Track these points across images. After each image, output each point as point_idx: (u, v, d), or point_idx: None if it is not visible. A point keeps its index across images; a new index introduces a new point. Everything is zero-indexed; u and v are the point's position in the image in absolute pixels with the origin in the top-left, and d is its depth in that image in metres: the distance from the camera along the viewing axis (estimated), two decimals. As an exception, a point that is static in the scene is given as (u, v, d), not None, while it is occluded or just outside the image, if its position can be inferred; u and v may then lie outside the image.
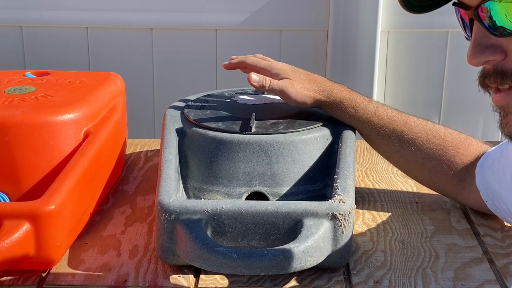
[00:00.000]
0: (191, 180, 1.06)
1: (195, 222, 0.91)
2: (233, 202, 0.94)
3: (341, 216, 0.93)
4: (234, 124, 1.08)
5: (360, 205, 1.15)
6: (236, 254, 0.88)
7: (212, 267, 0.89)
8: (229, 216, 0.92)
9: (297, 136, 1.06)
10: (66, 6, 1.78)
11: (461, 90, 1.83)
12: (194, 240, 0.89)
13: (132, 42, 1.81)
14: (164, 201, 0.93)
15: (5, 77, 1.25)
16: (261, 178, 1.04)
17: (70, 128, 1.08)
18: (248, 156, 1.04)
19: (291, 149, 1.05)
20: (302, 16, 1.76)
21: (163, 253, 0.96)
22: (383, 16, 1.72)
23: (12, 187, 1.04)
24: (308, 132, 1.07)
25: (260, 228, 0.93)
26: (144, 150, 1.39)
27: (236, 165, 1.04)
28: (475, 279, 0.95)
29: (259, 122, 1.09)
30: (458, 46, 1.78)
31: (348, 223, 0.94)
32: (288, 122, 1.09)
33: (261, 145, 1.04)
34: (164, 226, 0.93)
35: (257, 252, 0.88)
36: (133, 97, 1.68)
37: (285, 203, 0.94)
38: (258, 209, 0.93)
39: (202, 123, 1.09)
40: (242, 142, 1.04)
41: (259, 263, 0.87)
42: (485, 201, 1.06)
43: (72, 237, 1.02)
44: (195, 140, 1.08)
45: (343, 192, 0.96)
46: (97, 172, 1.10)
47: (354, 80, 1.76)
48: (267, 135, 1.05)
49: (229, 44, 1.80)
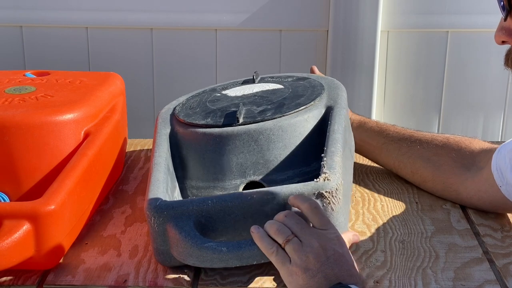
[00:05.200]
0: (188, 180, 1.06)
1: (183, 222, 0.91)
2: (219, 196, 0.94)
3: (327, 194, 0.92)
4: (223, 117, 1.07)
5: (360, 205, 1.15)
6: (226, 247, 0.88)
7: (205, 263, 0.89)
8: (216, 210, 0.92)
9: (286, 121, 1.05)
10: (66, 6, 1.77)
11: (461, 90, 1.83)
12: (184, 239, 0.90)
13: (132, 42, 1.81)
14: (152, 206, 0.93)
15: (5, 77, 1.25)
16: (255, 167, 1.03)
17: (70, 128, 1.08)
18: (238, 147, 1.03)
19: (281, 134, 1.04)
20: (302, 16, 1.76)
21: (159, 256, 0.96)
22: (383, 16, 1.72)
23: (12, 187, 1.04)
24: (297, 115, 1.06)
25: (249, 217, 0.92)
26: (144, 150, 1.39)
27: (228, 158, 1.03)
28: (475, 279, 0.95)
29: (248, 112, 1.07)
30: (458, 46, 1.78)
31: (337, 200, 0.93)
32: (276, 108, 1.08)
33: (250, 134, 1.03)
34: (155, 229, 0.93)
35: (246, 242, 0.88)
36: (133, 97, 1.68)
37: (270, 189, 0.93)
38: (244, 200, 0.92)
39: (191, 121, 1.09)
40: (231, 134, 1.03)
41: (249, 252, 0.88)
42: (500, 186, 1.07)
43: (72, 237, 1.02)
44: (186, 139, 1.08)
45: (329, 169, 0.95)
46: (97, 172, 1.10)
47: (354, 80, 1.76)
48: (255, 123, 1.04)
49: (229, 44, 1.80)
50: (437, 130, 1.86)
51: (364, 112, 1.78)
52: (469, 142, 1.16)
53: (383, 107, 1.84)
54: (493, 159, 1.08)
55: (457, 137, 1.18)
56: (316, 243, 0.83)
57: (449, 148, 1.16)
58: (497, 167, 1.07)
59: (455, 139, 1.18)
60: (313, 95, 1.12)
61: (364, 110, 1.78)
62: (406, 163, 1.21)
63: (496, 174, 1.07)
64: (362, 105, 1.78)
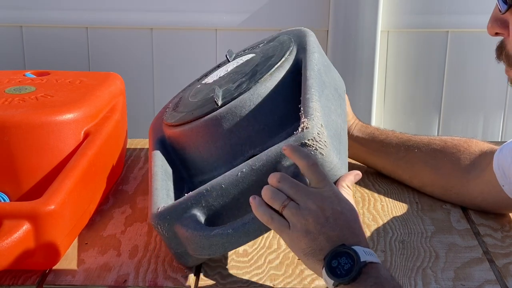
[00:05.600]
0: (195, 177, 1.06)
1: (187, 219, 0.91)
2: (211, 182, 0.93)
3: (311, 141, 0.91)
4: (205, 106, 1.06)
5: (360, 205, 1.15)
6: (231, 228, 0.88)
7: (218, 251, 0.90)
8: (214, 197, 0.92)
9: (261, 85, 1.03)
10: (66, 6, 1.77)
11: (461, 90, 1.83)
12: (192, 234, 0.90)
13: (132, 42, 1.81)
14: (154, 215, 0.93)
15: (5, 77, 1.24)
16: (250, 141, 1.01)
17: (70, 128, 1.08)
18: (227, 128, 1.01)
19: (262, 101, 1.02)
20: (302, 16, 1.76)
21: (180, 259, 0.96)
22: (383, 16, 1.72)
23: (12, 187, 1.04)
24: (271, 77, 1.04)
25: (246, 192, 0.91)
26: (144, 150, 1.39)
27: (221, 142, 1.02)
28: (475, 279, 0.95)
29: (225, 92, 1.05)
30: (458, 46, 1.78)
31: (323, 143, 0.91)
32: (250, 77, 1.06)
33: (232, 112, 1.01)
34: (166, 236, 0.93)
35: (248, 216, 0.88)
36: (133, 97, 1.68)
37: (256, 157, 0.92)
38: (235, 177, 0.92)
39: (177, 122, 1.08)
40: (215, 118, 1.02)
41: (254, 225, 0.88)
42: (502, 185, 1.07)
43: (72, 237, 1.02)
44: (179, 140, 1.07)
45: (307, 117, 0.93)
46: (97, 172, 1.10)
47: (354, 80, 1.76)
48: (234, 100, 1.02)
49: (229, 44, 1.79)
50: (437, 130, 1.86)
51: (364, 112, 1.78)
52: (467, 145, 1.15)
53: (383, 107, 1.84)
54: (494, 158, 1.08)
55: (454, 139, 1.17)
56: (313, 205, 0.82)
57: (447, 151, 1.15)
58: (499, 166, 1.07)
59: (452, 141, 1.17)
60: (282, 51, 1.10)
61: (364, 110, 1.78)
62: (404, 167, 1.20)
63: (498, 174, 1.07)
64: (362, 105, 1.78)
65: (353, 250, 0.80)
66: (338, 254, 0.80)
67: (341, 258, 0.80)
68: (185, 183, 1.06)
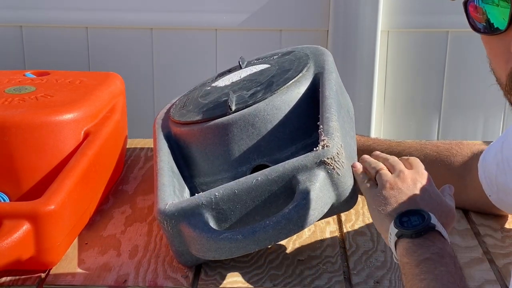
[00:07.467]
0: (196, 178, 1.06)
1: (195, 219, 0.91)
2: (225, 186, 0.93)
3: (330, 160, 0.92)
4: (216, 109, 1.06)
5: (360, 205, 1.15)
6: (241, 234, 0.88)
7: (224, 255, 0.89)
8: (225, 200, 0.92)
9: (277, 98, 1.04)
10: (66, 6, 1.77)
11: (461, 90, 1.83)
12: (199, 235, 0.90)
13: (132, 42, 1.81)
14: (161, 210, 0.93)
15: (5, 77, 1.25)
16: (258, 150, 1.02)
17: (70, 128, 1.08)
18: (237, 134, 1.02)
19: (276, 112, 1.03)
20: (302, 16, 1.76)
21: (180, 257, 0.96)
22: (383, 16, 1.72)
23: (12, 187, 1.04)
24: (287, 90, 1.05)
25: (258, 200, 0.92)
26: (144, 150, 1.39)
27: (229, 147, 1.02)
28: (475, 279, 0.95)
29: (239, 98, 1.06)
30: (458, 46, 1.78)
31: (341, 164, 0.93)
32: (265, 88, 1.07)
33: (245, 119, 1.02)
34: (170, 233, 0.93)
35: (259, 225, 0.88)
36: (133, 97, 1.68)
37: (273, 168, 0.93)
38: (249, 184, 0.92)
39: (186, 120, 1.08)
40: (227, 123, 1.03)
41: (264, 234, 0.88)
42: (489, 195, 1.06)
43: (72, 237, 1.02)
44: (185, 139, 1.07)
45: (327, 135, 0.95)
46: (97, 172, 1.10)
47: (354, 80, 1.76)
48: (248, 107, 1.03)
49: (229, 44, 1.79)
50: (437, 130, 1.86)
51: (364, 112, 1.78)
52: (459, 148, 1.13)
53: (383, 107, 1.84)
54: (479, 168, 1.07)
55: (446, 144, 1.15)
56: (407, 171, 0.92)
57: (440, 157, 1.13)
58: (485, 176, 1.06)
59: (445, 146, 1.14)
60: (300, 67, 1.10)
61: (364, 110, 1.78)
62: None
63: (485, 183, 1.06)
64: (362, 105, 1.78)
65: (427, 213, 0.83)
66: (410, 212, 0.84)
67: (412, 216, 0.84)
68: (186, 182, 1.06)
